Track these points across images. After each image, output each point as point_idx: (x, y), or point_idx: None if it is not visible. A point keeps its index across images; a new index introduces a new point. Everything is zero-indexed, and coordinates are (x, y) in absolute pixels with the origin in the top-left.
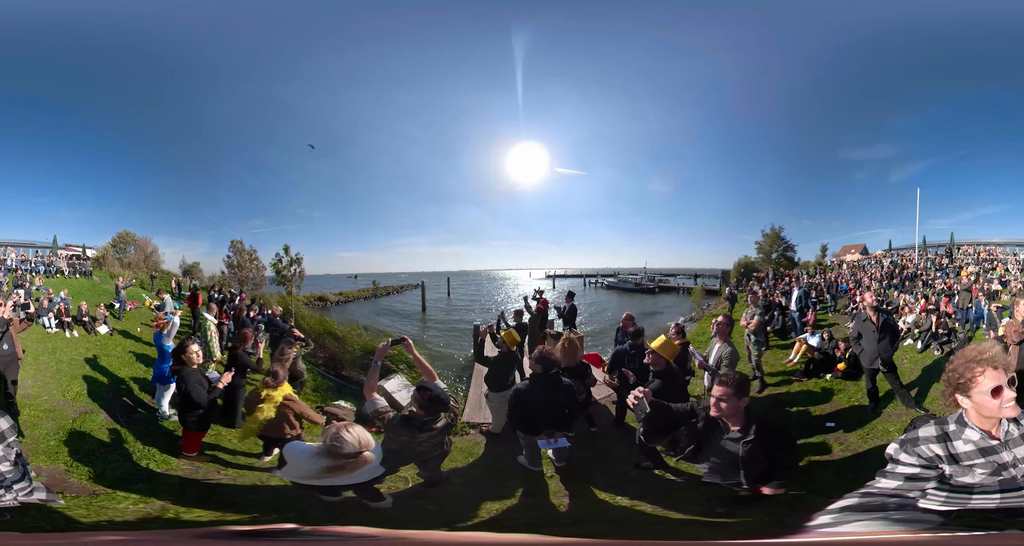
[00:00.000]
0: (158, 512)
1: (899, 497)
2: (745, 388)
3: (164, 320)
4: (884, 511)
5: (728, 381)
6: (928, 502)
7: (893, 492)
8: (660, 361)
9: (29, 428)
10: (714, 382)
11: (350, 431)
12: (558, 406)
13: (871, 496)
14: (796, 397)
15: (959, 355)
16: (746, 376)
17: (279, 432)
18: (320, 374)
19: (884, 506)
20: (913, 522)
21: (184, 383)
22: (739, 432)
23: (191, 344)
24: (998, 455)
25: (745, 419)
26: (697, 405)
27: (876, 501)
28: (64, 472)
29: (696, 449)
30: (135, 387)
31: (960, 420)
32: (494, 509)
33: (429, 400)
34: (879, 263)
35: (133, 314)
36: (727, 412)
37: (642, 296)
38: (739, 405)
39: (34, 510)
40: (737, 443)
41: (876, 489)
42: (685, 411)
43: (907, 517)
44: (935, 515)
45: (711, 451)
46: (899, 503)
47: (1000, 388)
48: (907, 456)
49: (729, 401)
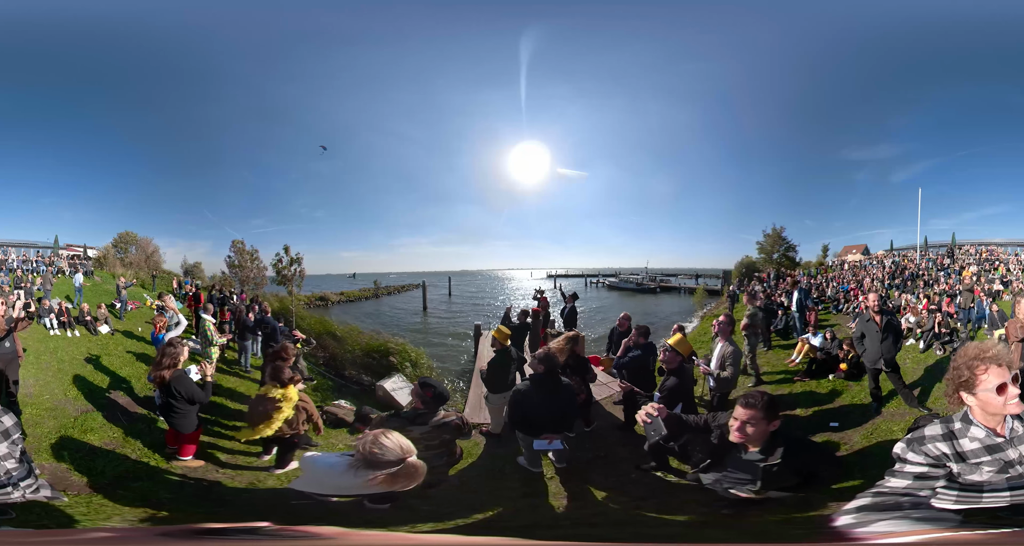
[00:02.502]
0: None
1: (911, 496)
2: (774, 410)
3: (165, 321)
4: (901, 510)
5: (757, 403)
6: (940, 501)
7: (904, 491)
8: (675, 359)
9: (31, 427)
10: (738, 402)
11: (389, 437)
12: (558, 407)
13: (883, 495)
14: (799, 397)
15: (962, 353)
16: (774, 397)
17: (281, 431)
18: (320, 374)
19: (899, 505)
20: (932, 520)
21: (181, 386)
22: (759, 454)
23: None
24: (1004, 452)
25: (770, 441)
26: (712, 420)
27: (890, 500)
28: (65, 470)
29: (711, 464)
30: (135, 386)
31: (965, 418)
32: (490, 510)
33: (433, 397)
34: (880, 263)
35: (134, 314)
36: (753, 436)
37: (643, 296)
38: (767, 429)
39: (38, 508)
40: (758, 464)
41: (887, 488)
42: (699, 425)
43: (926, 516)
44: (952, 514)
45: (726, 465)
46: (913, 502)
47: (1005, 385)
48: (914, 455)
49: (757, 425)
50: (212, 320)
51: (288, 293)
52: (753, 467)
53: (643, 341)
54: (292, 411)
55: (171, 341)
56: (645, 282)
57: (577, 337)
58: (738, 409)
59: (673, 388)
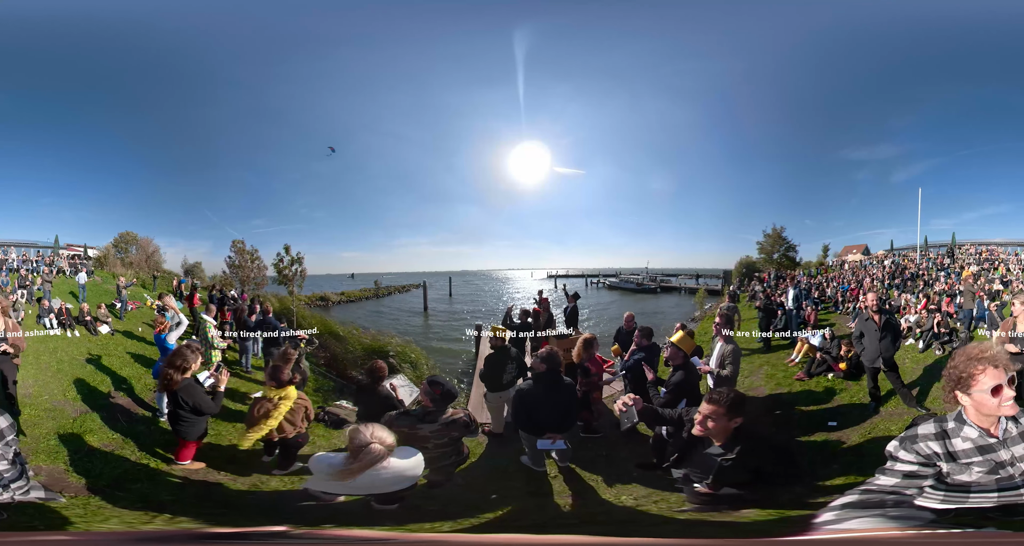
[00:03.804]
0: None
1: (897, 494)
2: (738, 408)
3: (165, 322)
4: (882, 508)
5: (720, 400)
6: (925, 500)
7: (891, 489)
8: (679, 355)
9: (29, 428)
10: (704, 397)
11: (368, 426)
12: (561, 406)
13: (871, 493)
14: (798, 396)
15: (960, 353)
16: (741, 395)
17: (282, 431)
18: (321, 374)
19: (882, 503)
20: (907, 519)
21: (188, 397)
22: (721, 448)
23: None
24: (996, 453)
25: (732, 437)
26: (686, 415)
27: (875, 498)
28: (63, 472)
29: (680, 458)
30: (136, 387)
31: (959, 418)
32: (498, 509)
33: (441, 394)
34: (880, 263)
35: (134, 314)
36: (714, 431)
37: (644, 296)
38: (728, 425)
39: (31, 509)
40: (716, 458)
41: (876, 486)
42: (672, 418)
43: (903, 514)
44: (928, 512)
45: (693, 461)
46: (896, 500)
47: (1000, 387)
48: (906, 453)
49: (718, 421)
50: (213, 322)
51: (289, 293)
52: (711, 460)
53: (646, 343)
54: (290, 411)
55: (189, 344)
56: (645, 282)
57: (592, 340)
58: (703, 404)
59: (679, 383)
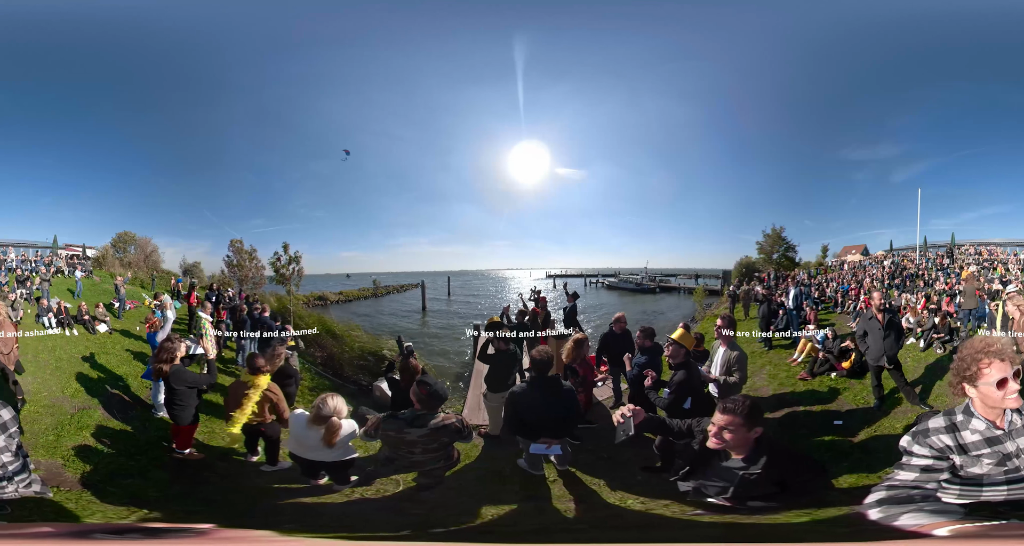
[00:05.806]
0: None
1: (920, 489)
2: (756, 416)
3: (156, 320)
4: (914, 503)
5: (736, 408)
6: (945, 495)
7: (913, 484)
8: (680, 352)
9: (29, 423)
10: (717, 407)
11: (333, 398)
12: (557, 411)
13: (895, 489)
14: (802, 396)
15: (968, 345)
16: (757, 402)
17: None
18: (317, 373)
19: (911, 499)
20: (942, 513)
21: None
22: (743, 462)
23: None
24: (1002, 445)
25: (754, 449)
26: (696, 425)
27: (902, 494)
28: (60, 466)
29: (690, 471)
30: (132, 384)
31: (967, 410)
32: (487, 515)
33: (428, 395)
34: (879, 263)
35: (132, 313)
36: (732, 443)
37: (643, 296)
38: (748, 436)
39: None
40: (737, 471)
41: (898, 481)
42: (682, 430)
43: (937, 508)
44: (957, 507)
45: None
46: (923, 495)
47: (1005, 380)
48: (920, 447)
49: (736, 432)
50: (209, 319)
51: (287, 292)
52: (731, 474)
53: (649, 344)
54: (259, 397)
55: (168, 337)
56: (645, 282)
57: (584, 341)
58: (716, 414)
59: (681, 382)
